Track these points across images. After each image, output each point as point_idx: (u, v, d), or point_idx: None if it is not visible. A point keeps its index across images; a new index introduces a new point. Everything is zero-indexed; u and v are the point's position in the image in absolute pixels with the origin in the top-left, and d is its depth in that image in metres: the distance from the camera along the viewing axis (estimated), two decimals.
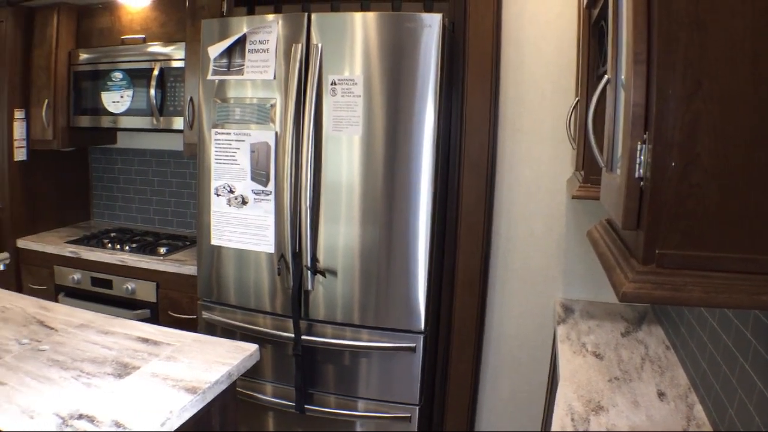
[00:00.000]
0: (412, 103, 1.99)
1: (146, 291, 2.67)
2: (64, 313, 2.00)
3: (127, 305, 2.69)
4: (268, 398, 2.36)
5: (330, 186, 2.11)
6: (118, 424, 1.32)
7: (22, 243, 3.04)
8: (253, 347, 1.69)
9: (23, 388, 1.50)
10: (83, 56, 3.02)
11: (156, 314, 2.64)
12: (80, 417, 1.35)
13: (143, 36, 2.86)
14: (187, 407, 1.41)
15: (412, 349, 2.12)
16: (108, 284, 2.76)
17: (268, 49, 2.14)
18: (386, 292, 2.12)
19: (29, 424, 1.33)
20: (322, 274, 2.16)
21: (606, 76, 1.11)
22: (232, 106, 2.21)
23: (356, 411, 2.24)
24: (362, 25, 2.02)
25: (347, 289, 2.16)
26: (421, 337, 2.11)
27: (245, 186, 2.19)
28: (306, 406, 2.28)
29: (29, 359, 1.65)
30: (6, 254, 1.74)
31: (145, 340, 1.75)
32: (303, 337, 2.21)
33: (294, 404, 2.29)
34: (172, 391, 1.45)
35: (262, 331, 2.29)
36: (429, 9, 2.31)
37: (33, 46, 3.11)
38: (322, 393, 2.28)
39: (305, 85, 2.07)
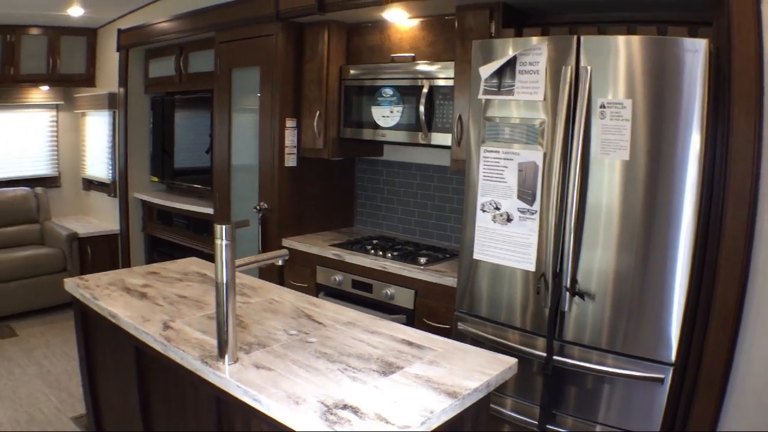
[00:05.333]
0: (675, 130, 2.32)
1: (404, 297, 3.36)
2: (331, 310, 2.55)
3: (384, 309, 3.40)
4: (508, 412, 2.84)
5: (591, 209, 2.52)
6: (380, 418, 1.62)
7: (287, 242, 3.95)
8: (512, 360, 2.06)
9: (290, 375, 1.89)
10: (353, 72, 3.86)
11: (412, 320, 3.29)
12: (345, 407, 1.68)
13: (412, 55, 3.55)
14: (446, 410, 1.71)
15: (660, 381, 2.42)
16: (368, 288, 3.53)
17: (538, 71, 2.62)
18: (637, 319, 2.46)
19: (294, 409, 1.68)
20: (581, 296, 2.57)
21: None
22: (500, 125, 2.74)
23: None
24: (626, 48, 2.39)
25: (598, 313, 2.55)
26: (670, 369, 2.41)
27: (511, 204, 2.71)
28: (547, 426, 2.70)
29: (297, 349, 2.09)
30: (285, 251, 2.33)
31: (410, 343, 2.17)
32: (554, 357, 2.64)
33: (536, 422, 2.73)
34: (432, 394, 1.77)
35: (511, 345, 2.76)
36: (694, 34, 2.57)
37: (304, 60, 4.01)
38: (563, 414, 2.69)
39: (574, 107, 2.51)
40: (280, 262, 2.30)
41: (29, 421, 3.83)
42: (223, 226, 1.89)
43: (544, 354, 2.65)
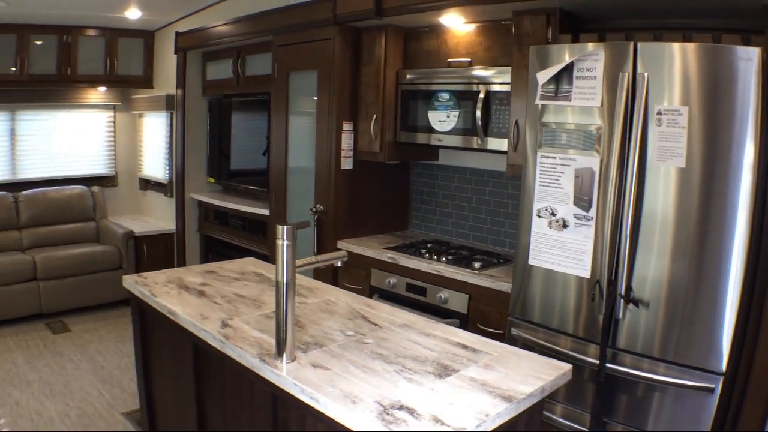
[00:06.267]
0: (730, 138, 2.38)
1: (458, 302, 3.48)
2: (386, 312, 2.66)
3: (437, 313, 3.52)
4: (558, 419, 2.92)
5: (646, 216, 2.59)
6: (436, 420, 1.69)
7: (342, 245, 4.13)
8: (566, 366, 2.14)
9: (346, 374, 1.98)
10: (410, 76, 4.01)
11: (465, 325, 3.40)
12: (401, 408, 1.76)
13: (469, 59, 3.68)
14: (501, 414, 1.78)
15: (710, 390, 2.47)
16: (422, 291, 3.65)
17: (595, 77, 2.70)
18: (689, 327, 2.51)
19: (351, 408, 1.76)
20: (635, 303, 2.64)
21: None
22: (556, 131, 2.83)
23: None
24: (682, 55, 2.46)
25: (651, 321, 2.61)
26: (721, 378, 2.46)
27: (567, 210, 2.80)
28: None
29: (353, 350, 2.19)
30: (344, 252, 2.42)
31: (465, 347, 2.26)
32: (607, 364, 2.70)
33: (586, 430, 2.80)
34: (488, 397, 1.84)
35: (563, 352, 2.83)
36: (747, 42, 2.61)
37: (361, 64, 4.16)
38: (613, 422, 2.75)
39: (630, 114, 2.58)
40: (339, 264, 2.38)
41: (80, 416, 4.00)
42: (285, 227, 1.98)
43: (595, 361, 2.73)
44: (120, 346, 5.24)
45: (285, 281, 2.00)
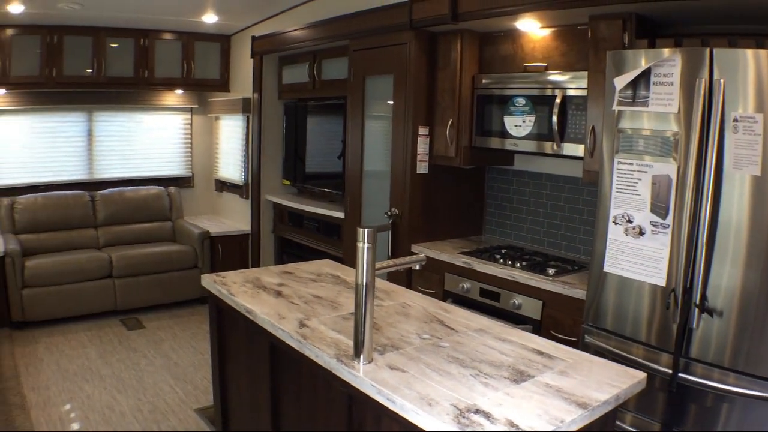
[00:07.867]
0: None
1: (531, 308, 3.58)
2: (462, 316, 2.76)
3: (510, 318, 3.63)
4: (627, 427, 2.96)
5: (722, 224, 2.63)
6: (512, 424, 1.75)
7: (416, 248, 4.29)
8: (641, 375, 2.19)
9: (422, 377, 2.06)
10: (485, 81, 4.14)
11: (538, 331, 3.48)
12: (477, 412, 1.82)
13: (545, 64, 3.79)
14: (576, 420, 1.82)
15: None
16: (495, 296, 3.77)
17: (672, 83, 2.76)
18: (759, 337, 2.54)
19: (427, 410, 1.83)
20: (710, 313, 2.68)
21: None
22: (633, 137, 2.90)
23: None
24: (755, 61, 2.50)
25: (723, 330, 2.64)
26: None
27: (643, 217, 2.87)
28: None
29: (429, 353, 2.27)
30: (423, 256, 2.53)
31: (540, 353, 2.34)
32: (679, 374, 2.75)
33: None
34: (562, 403, 1.90)
35: (634, 360, 2.88)
36: None
37: (437, 69, 4.30)
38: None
39: (707, 120, 2.63)
40: (417, 267, 2.46)
41: (152, 411, 4.19)
42: (366, 230, 2.06)
43: (667, 370, 2.77)
44: (194, 343, 5.47)
45: (364, 283, 2.09)
